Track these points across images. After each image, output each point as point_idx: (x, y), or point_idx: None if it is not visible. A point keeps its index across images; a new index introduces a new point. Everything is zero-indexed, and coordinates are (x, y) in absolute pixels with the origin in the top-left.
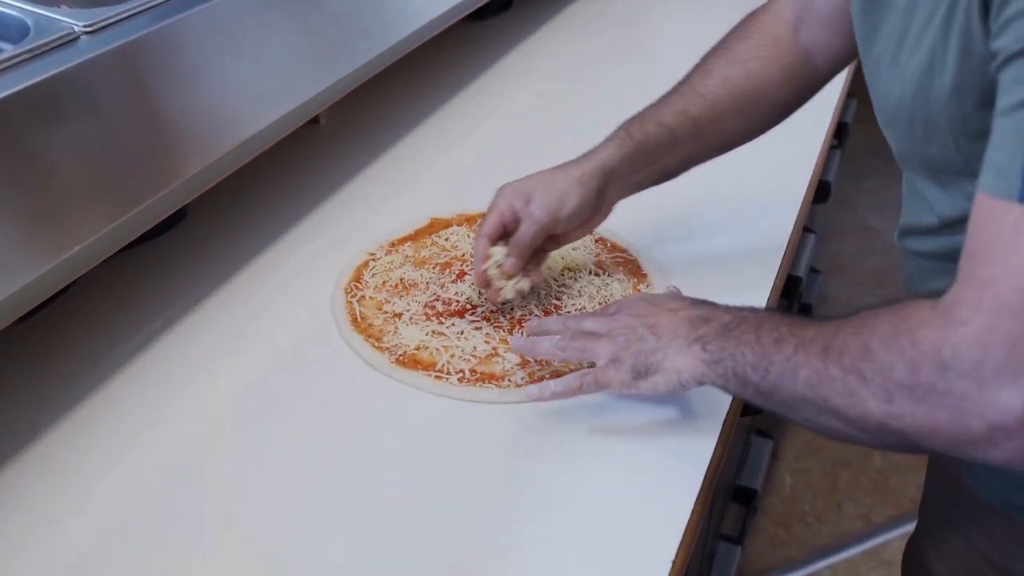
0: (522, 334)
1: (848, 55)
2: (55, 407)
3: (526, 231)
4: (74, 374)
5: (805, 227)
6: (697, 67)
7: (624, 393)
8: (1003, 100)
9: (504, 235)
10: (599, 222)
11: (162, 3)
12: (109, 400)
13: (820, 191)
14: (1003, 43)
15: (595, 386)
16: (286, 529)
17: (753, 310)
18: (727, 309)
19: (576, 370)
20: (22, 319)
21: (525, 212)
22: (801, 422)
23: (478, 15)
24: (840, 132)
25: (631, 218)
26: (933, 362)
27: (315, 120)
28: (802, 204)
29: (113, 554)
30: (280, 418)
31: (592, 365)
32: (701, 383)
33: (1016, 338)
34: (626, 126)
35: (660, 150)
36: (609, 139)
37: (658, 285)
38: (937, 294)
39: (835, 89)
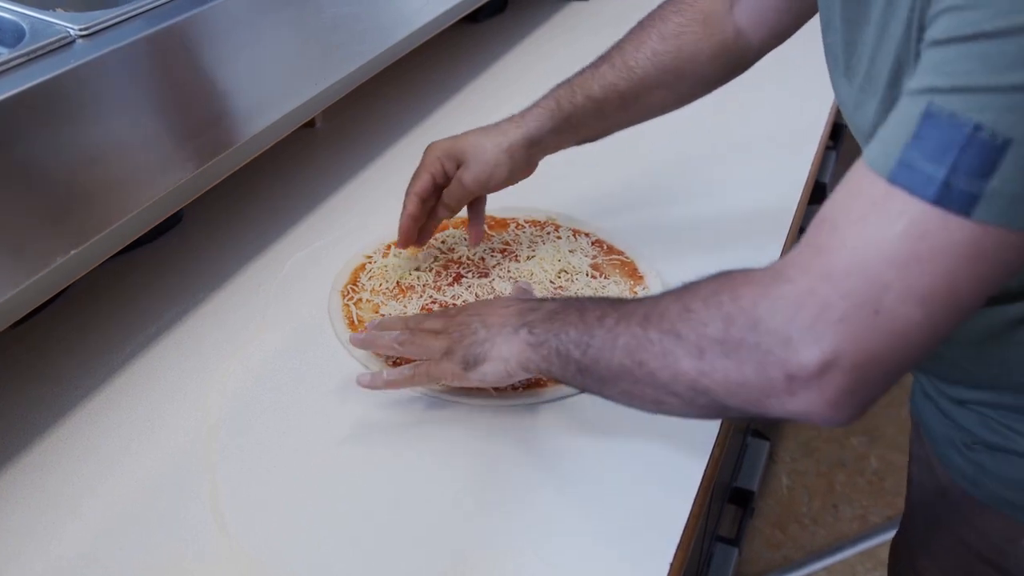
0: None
1: (783, 34)
2: (50, 411)
3: (457, 195)
4: (69, 379)
5: (801, 229)
6: (630, 35)
7: (456, 384)
8: (912, 82)
9: (435, 191)
10: (524, 178)
11: (158, 7)
12: (105, 405)
13: (816, 193)
14: (930, 33)
15: (427, 377)
16: (281, 535)
17: (574, 297)
18: (558, 299)
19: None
20: (17, 323)
21: (456, 176)
22: (618, 397)
23: (473, 18)
24: (835, 134)
25: (629, 220)
26: (748, 317)
27: (311, 123)
28: (798, 206)
29: (109, 559)
30: (276, 422)
31: None
32: (527, 369)
33: (827, 304)
34: (555, 94)
35: (586, 120)
36: (538, 105)
37: (655, 287)
38: None
39: (831, 92)
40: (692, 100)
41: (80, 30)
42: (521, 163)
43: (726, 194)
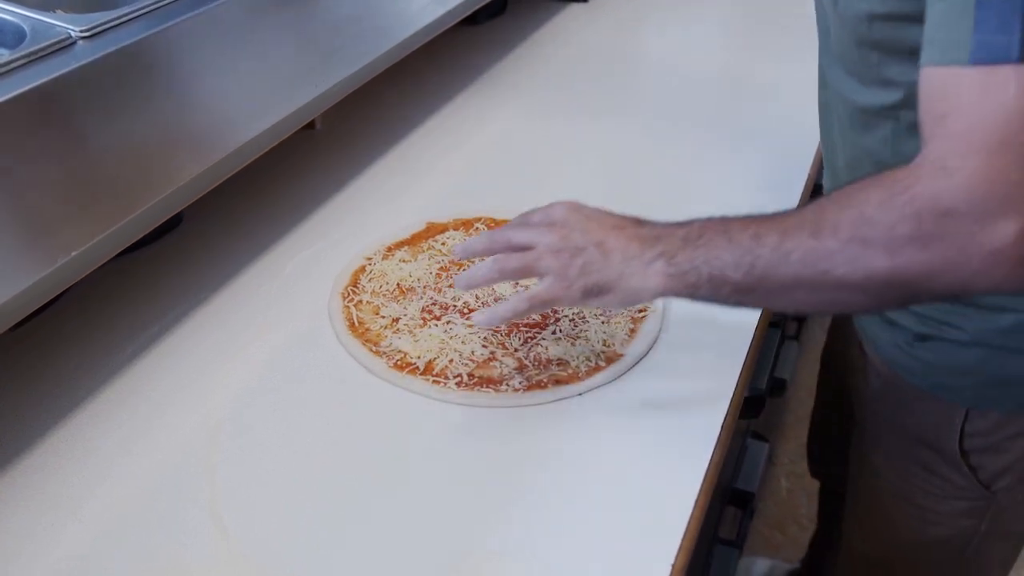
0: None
1: None
2: (51, 413)
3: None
4: (70, 380)
5: None
6: None
7: (570, 306)
8: None
9: None
10: None
11: (159, 8)
12: (105, 406)
13: (815, 195)
14: None
15: (542, 304)
16: (281, 538)
17: (697, 220)
18: (668, 224)
19: (573, 379)
20: (17, 325)
21: None
22: (786, 305)
23: (472, 20)
24: None
25: None
26: (934, 212)
27: (311, 125)
28: (799, 206)
29: (108, 561)
30: (277, 425)
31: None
32: (662, 295)
33: (1004, 172)
34: None
35: None
36: None
37: None
38: None
39: None
40: None
41: (81, 31)
42: None
43: (725, 197)
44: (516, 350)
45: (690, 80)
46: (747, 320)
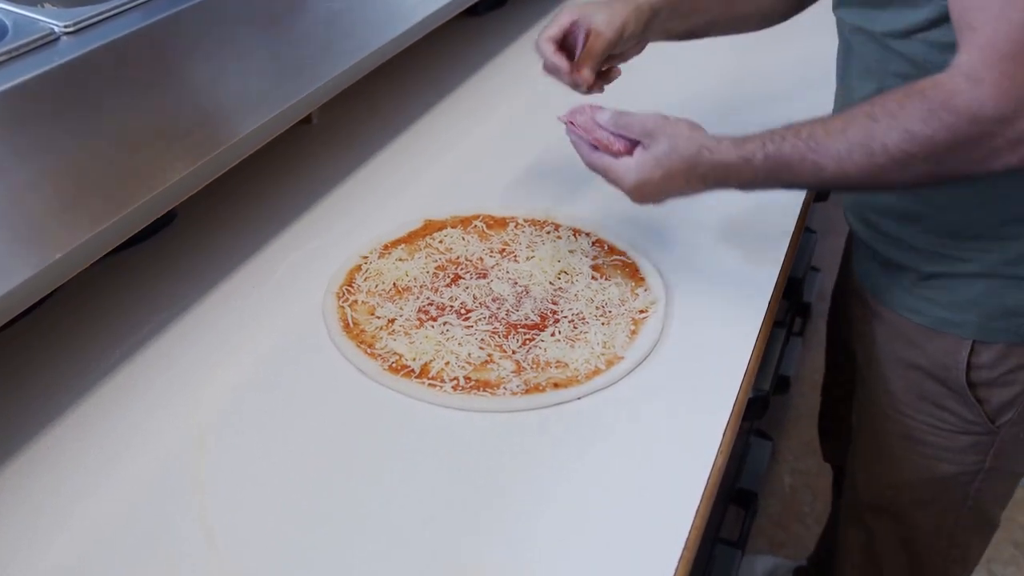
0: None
1: None
2: (36, 418)
3: (597, 45)
4: (57, 384)
5: (807, 228)
6: None
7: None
8: None
9: (562, 46)
10: (637, 53)
11: (145, 2)
12: (93, 411)
13: (819, 193)
14: None
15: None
16: (272, 544)
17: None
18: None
19: (571, 382)
20: (6, 325)
21: (593, 29)
22: (832, 181)
23: (472, 11)
24: None
25: (631, 220)
26: (967, 118)
27: (307, 119)
28: (803, 204)
29: (97, 571)
30: (268, 429)
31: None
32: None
33: (1019, 79)
34: None
35: (696, 7)
36: None
37: (656, 289)
38: None
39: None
40: (788, 16)
41: (65, 27)
42: (642, 25)
43: (728, 197)
44: (514, 352)
45: (694, 73)
46: (751, 320)
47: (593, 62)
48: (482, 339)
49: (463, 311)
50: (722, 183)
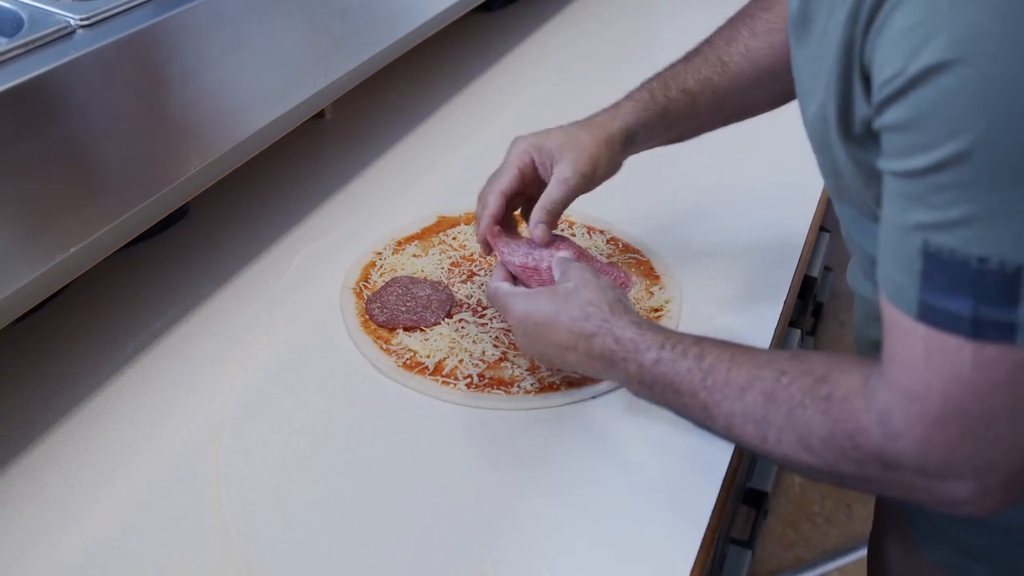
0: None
1: None
2: (51, 411)
3: (559, 195)
4: (71, 377)
5: (822, 228)
6: (720, 32)
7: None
8: (889, 208)
9: (519, 192)
10: (608, 178)
11: None
12: (107, 404)
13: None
14: (887, 155)
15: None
16: (286, 537)
17: (649, 349)
18: (619, 344)
19: (585, 381)
20: (19, 319)
21: (555, 174)
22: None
23: (486, 7)
24: None
25: (645, 218)
26: (878, 463)
27: (320, 114)
28: (818, 203)
29: (109, 567)
30: (283, 424)
31: None
32: None
33: (951, 444)
34: (649, 87)
35: (680, 118)
36: (631, 98)
37: (671, 288)
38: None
39: None
40: (785, 102)
41: (81, 20)
42: (617, 156)
43: (744, 192)
44: None
45: None
46: (766, 320)
47: (554, 219)
48: (496, 337)
49: (478, 308)
50: (609, 363)
